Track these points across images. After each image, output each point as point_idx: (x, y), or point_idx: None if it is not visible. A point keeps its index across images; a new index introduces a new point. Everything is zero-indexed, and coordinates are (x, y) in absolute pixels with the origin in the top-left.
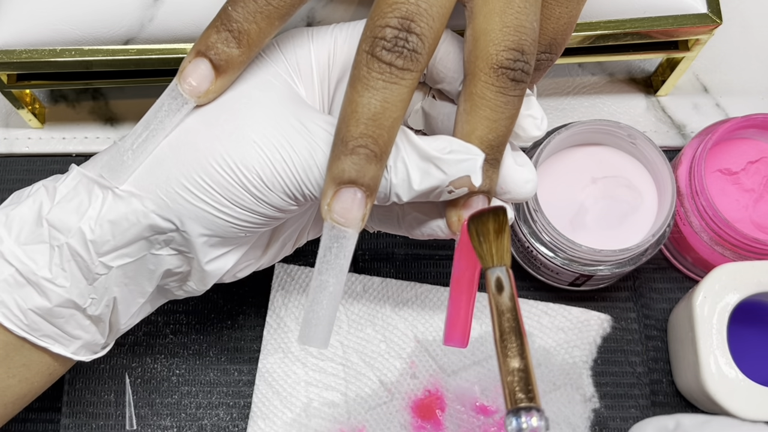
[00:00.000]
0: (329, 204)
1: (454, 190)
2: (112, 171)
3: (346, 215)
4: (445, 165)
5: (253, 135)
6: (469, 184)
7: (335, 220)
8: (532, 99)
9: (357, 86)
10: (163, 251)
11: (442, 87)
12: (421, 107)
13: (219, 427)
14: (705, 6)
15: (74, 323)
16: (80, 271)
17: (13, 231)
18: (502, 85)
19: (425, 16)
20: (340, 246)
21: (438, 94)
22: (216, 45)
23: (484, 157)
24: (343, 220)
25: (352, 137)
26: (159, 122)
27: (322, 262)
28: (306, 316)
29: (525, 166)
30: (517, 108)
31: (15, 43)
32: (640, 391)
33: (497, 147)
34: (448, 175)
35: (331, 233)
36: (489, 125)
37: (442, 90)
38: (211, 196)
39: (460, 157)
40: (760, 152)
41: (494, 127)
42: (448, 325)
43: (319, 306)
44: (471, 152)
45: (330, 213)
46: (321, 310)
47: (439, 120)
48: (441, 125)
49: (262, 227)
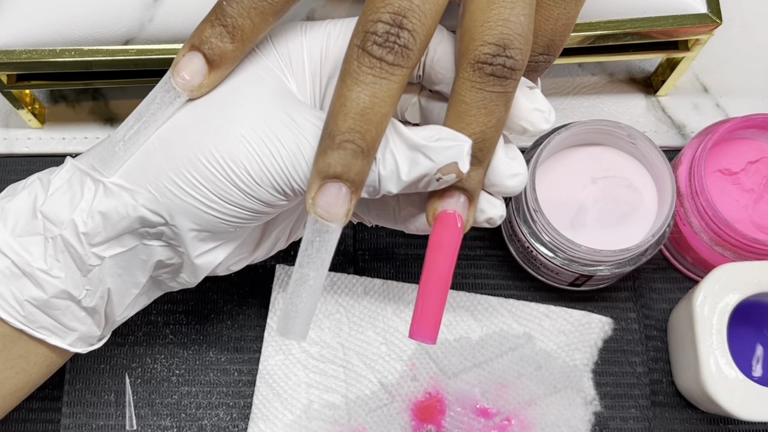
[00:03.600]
0: (314, 198)
1: (442, 177)
2: (104, 162)
3: (330, 210)
4: (432, 152)
5: (242, 129)
6: (457, 171)
7: (319, 215)
8: (537, 92)
9: (347, 80)
10: (154, 242)
11: (440, 89)
12: (418, 100)
13: (219, 427)
14: (705, 6)
15: (70, 315)
16: (74, 262)
17: (9, 223)
18: (478, 80)
19: (417, 13)
20: (322, 240)
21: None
22: (210, 39)
23: (471, 143)
24: (327, 214)
25: (340, 131)
26: (151, 114)
27: (303, 255)
28: (285, 309)
29: (515, 159)
30: (499, 105)
31: (15, 43)
32: (640, 391)
33: (475, 144)
34: (436, 162)
35: (314, 227)
36: (465, 120)
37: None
38: (200, 191)
39: (447, 144)
40: (760, 152)
41: (470, 122)
42: (415, 318)
43: (298, 299)
44: (458, 139)
45: (314, 207)
46: (300, 303)
47: (435, 113)
48: (438, 118)
49: (251, 222)
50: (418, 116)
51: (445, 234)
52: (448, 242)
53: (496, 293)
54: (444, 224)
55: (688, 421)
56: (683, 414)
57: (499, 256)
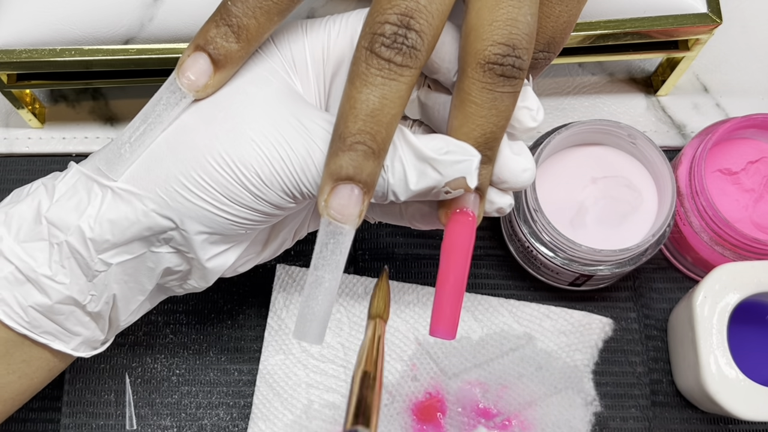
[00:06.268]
0: (326, 200)
1: (451, 191)
2: (110, 164)
3: (343, 211)
4: (440, 166)
5: (251, 133)
6: (465, 186)
7: (332, 217)
8: (528, 90)
9: (356, 82)
10: (163, 249)
11: (437, 77)
12: (417, 97)
13: (219, 427)
14: (705, 6)
15: (74, 320)
16: (80, 268)
17: (13, 229)
18: (488, 81)
19: (425, 13)
20: (336, 242)
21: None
22: (215, 39)
23: (479, 158)
24: (340, 216)
25: (350, 133)
26: (157, 116)
27: (318, 257)
28: (301, 312)
29: (522, 154)
30: (508, 104)
31: (15, 43)
32: (640, 391)
33: (485, 144)
34: (444, 176)
35: (327, 229)
36: (476, 122)
37: (438, 80)
38: (210, 194)
39: (456, 158)
40: (760, 152)
41: (481, 123)
42: (434, 315)
43: (314, 302)
44: (467, 153)
45: (327, 209)
46: (316, 305)
47: (435, 110)
48: (438, 114)
49: (261, 224)
50: (418, 112)
51: (459, 232)
52: (462, 240)
53: (497, 293)
54: (458, 223)
55: (688, 421)
56: (683, 414)
57: (499, 256)
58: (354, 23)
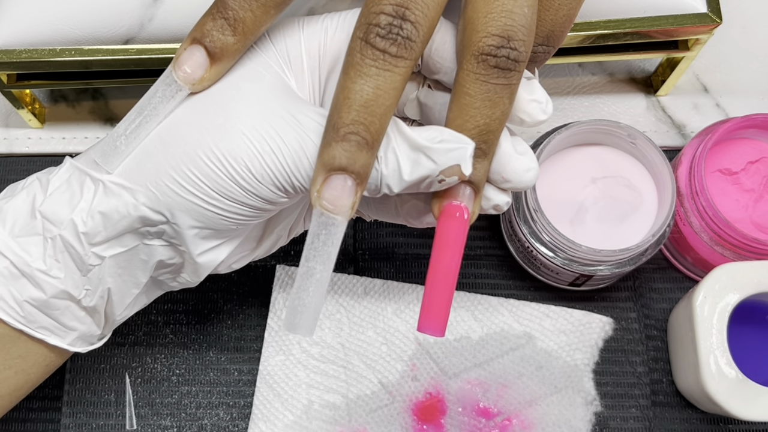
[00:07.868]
0: (319, 191)
1: (444, 179)
2: (105, 156)
3: (336, 202)
4: (434, 154)
5: (242, 127)
6: (460, 173)
7: (324, 207)
8: (535, 83)
9: (350, 73)
10: (155, 241)
11: (438, 78)
12: (417, 97)
13: (219, 427)
14: (705, 6)
15: (70, 314)
16: (74, 262)
17: (7, 223)
18: (482, 72)
19: (420, 4)
20: (328, 233)
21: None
22: (211, 32)
23: (474, 146)
24: (333, 207)
25: (344, 124)
26: (152, 108)
27: (309, 248)
28: (292, 304)
29: (525, 154)
30: (504, 97)
31: (15, 43)
32: (640, 391)
33: (479, 136)
34: (438, 164)
35: (319, 220)
36: (470, 113)
37: (439, 81)
38: (201, 188)
39: (450, 146)
40: (760, 152)
41: (474, 114)
42: (423, 311)
43: (305, 293)
44: (461, 141)
45: (319, 200)
46: (307, 297)
47: (435, 110)
48: (438, 115)
49: (253, 219)
50: (417, 112)
51: (451, 226)
52: (454, 235)
53: (496, 293)
54: (450, 217)
55: (688, 421)
56: (683, 414)
57: (499, 256)
58: (352, 21)
